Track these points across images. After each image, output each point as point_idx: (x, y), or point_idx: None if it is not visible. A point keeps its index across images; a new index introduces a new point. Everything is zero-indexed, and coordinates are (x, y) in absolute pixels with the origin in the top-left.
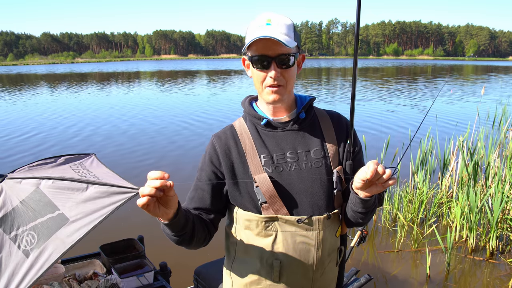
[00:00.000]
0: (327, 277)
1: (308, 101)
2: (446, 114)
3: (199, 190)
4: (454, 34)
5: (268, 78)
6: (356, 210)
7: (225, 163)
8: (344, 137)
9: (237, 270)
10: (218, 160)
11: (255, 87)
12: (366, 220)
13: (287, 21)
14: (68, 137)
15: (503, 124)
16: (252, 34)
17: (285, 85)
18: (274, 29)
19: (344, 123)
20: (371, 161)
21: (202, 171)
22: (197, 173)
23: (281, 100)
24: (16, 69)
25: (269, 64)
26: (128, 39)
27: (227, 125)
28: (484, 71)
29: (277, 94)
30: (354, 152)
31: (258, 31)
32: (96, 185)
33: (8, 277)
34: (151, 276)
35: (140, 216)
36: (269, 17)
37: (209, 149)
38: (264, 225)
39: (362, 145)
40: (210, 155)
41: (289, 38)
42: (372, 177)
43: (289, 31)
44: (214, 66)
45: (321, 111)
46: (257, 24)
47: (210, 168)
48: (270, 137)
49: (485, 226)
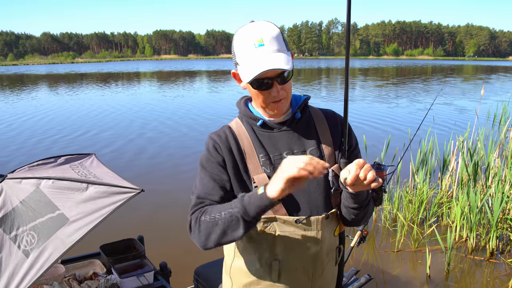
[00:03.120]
0: (327, 276)
1: (303, 100)
2: (446, 114)
3: (218, 179)
4: (454, 34)
5: (271, 97)
6: (348, 206)
7: (228, 160)
8: (339, 135)
9: (236, 270)
10: (222, 156)
11: (254, 102)
12: (360, 217)
13: (275, 32)
14: (68, 137)
15: (503, 124)
16: (246, 58)
17: (286, 97)
18: (268, 49)
19: (339, 121)
20: (356, 162)
21: (212, 162)
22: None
23: (283, 111)
24: (15, 69)
25: (271, 85)
26: (128, 39)
27: (223, 126)
28: (484, 71)
29: (280, 109)
30: (350, 150)
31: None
32: (96, 185)
33: (8, 277)
34: (151, 276)
35: (140, 216)
36: (259, 35)
37: (211, 145)
38: (262, 225)
39: (362, 145)
40: (215, 147)
41: (285, 53)
42: (352, 183)
43: (281, 44)
44: (216, 66)
45: (315, 110)
46: (248, 45)
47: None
48: (267, 137)
49: (485, 226)
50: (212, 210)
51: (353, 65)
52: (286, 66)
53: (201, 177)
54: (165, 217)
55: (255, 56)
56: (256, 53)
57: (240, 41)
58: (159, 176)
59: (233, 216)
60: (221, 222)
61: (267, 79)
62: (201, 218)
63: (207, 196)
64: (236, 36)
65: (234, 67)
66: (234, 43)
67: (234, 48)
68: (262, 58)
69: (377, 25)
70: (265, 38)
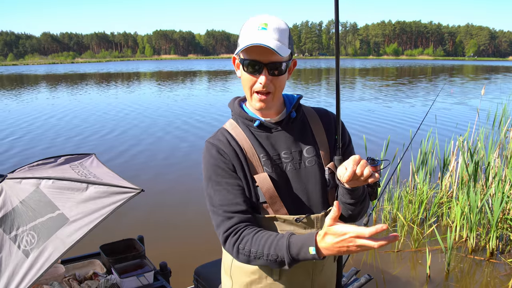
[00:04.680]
0: (326, 273)
1: (296, 100)
2: (447, 114)
3: (235, 187)
4: (454, 34)
5: (258, 84)
6: (345, 202)
7: (235, 163)
8: (333, 133)
9: (237, 270)
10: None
11: (243, 90)
12: (357, 212)
13: (283, 26)
14: (68, 137)
15: (503, 124)
16: (246, 37)
17: (273, 92)
18: (269, 34)
19: (332, 119)
20: (353, 158)
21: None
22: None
23: (267, 108)
24: (15, 69)
25: (260, 70)
26: (128, 39)
27: (219, 129)
28: (486, 71)
29: (264, 103)
30: (344, 147)
31: (252, 35)
32: (96, 185)
33: (8, 277)
34: (151, 276)
35: (140, 216)
36: (265, 20)
37: (215, 152)
38: (263, 224)
39: (362, 145)
40: (221, 154)
41: (283, 45)
42: (348, 180)
43: (284, 37)
44: (217, 66)
45: (308, 108)
46: (252, 27)
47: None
48: (264, 138)
49: (485, 226)
50: (253, 241)
51: (353, 65)
52: (276, 49)
53: (215, 190)
54: (165, 217)
55: (253, 35)
56: (255, 34)
57: (246, 25)
58: (159, 176)
59: (278, 260)
60: (263, 260)
61: (257, 62)
62: (239, 247)
63: (232, 208)
64: (245, 22)
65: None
66: (241, 27)
67: (240, 32)
68: (258, 37)
69: (377, 25)
70: (270, 25)
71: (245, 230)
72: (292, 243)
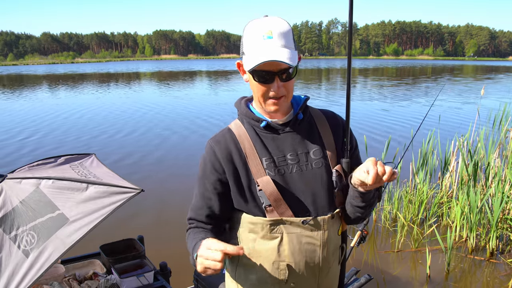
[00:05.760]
0: (331, 276)
1: (303, 101)
2: (447, 115)
3: (206, 199)
4: (454, 34)
5: (271, 92)
6: (356, 205)
7: (228, 169)
8: (340, 135)
9: (242, 274)
10: (221, 167)
11: (254, 95)
12: (365, 215)
13: (286, 28)
14: (68, 137)
15: (503, 124)
16: (253, 49)
17: (286, 95)
18: (276, 43)
19: (339, 122)
20: (370, 160)
21: (206, 179)
22: (198, 181)
23: (281, 110)
24: (15, 69)
25: (272, 79)
26: (128, 39)
27: (223, 129)
28: (488, 71)
29: (277, 106)
30: (351, 150)
31: (259, 46)
32: (96, 185)
33: (8, 277)
34: (151, 276)
35: (140, 216)
36: (269, 27)
37: (209, 155)
38: (269, 227)
39: (362, 145)
40: (211, 162)
41: (291, 49)
42: (373, 183)
43: (289, 40)
44: (217, 66)
45: (315, 110)
46: (257, 35)
47: (215, 176)
48: (270, 139)
49: (485, 226)
50: (189, 236)
51: (353, 65)
52: (288, 61)
53: (196, 191)
54: (165, 217)
55: (261, 46)
56: (262, 44)
57: (250, 31)
58: (159, 175)
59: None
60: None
61: (269, 72)
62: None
63: (196, 216)
64: (247, 27)
65: (240, 58)
66: (244, 33)
67: (243, 38)
68: (267, 50)
69: (377, 25)
70: (274, 32)
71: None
72: (200, 244)
